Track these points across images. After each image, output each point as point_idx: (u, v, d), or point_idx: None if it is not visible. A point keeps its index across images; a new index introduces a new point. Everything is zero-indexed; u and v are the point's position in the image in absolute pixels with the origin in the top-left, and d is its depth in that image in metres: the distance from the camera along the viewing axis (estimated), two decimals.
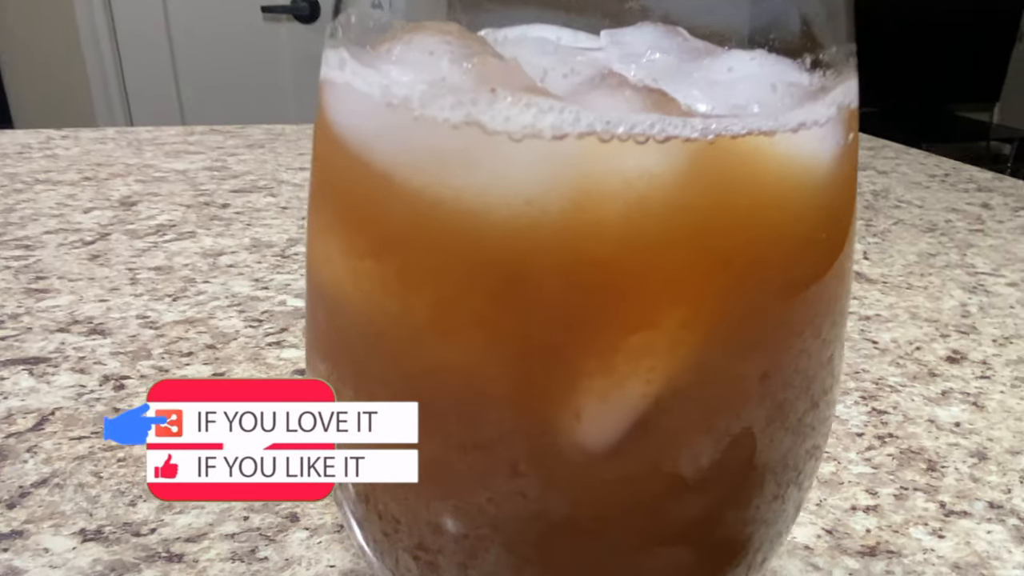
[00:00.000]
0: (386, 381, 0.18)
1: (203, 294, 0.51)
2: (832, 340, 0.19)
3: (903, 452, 0.35)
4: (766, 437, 0.18)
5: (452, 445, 0.18)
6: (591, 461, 0.17)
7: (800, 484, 0.21)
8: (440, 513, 0.19)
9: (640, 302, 0.15)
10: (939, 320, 0.50)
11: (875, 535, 0.30)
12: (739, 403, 0.17)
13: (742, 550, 0.20)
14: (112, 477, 0.32)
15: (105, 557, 0.28)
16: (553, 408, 0.16)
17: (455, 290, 0.16)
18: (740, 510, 0.19)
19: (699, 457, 0.17)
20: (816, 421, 0.20)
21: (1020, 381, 0.42)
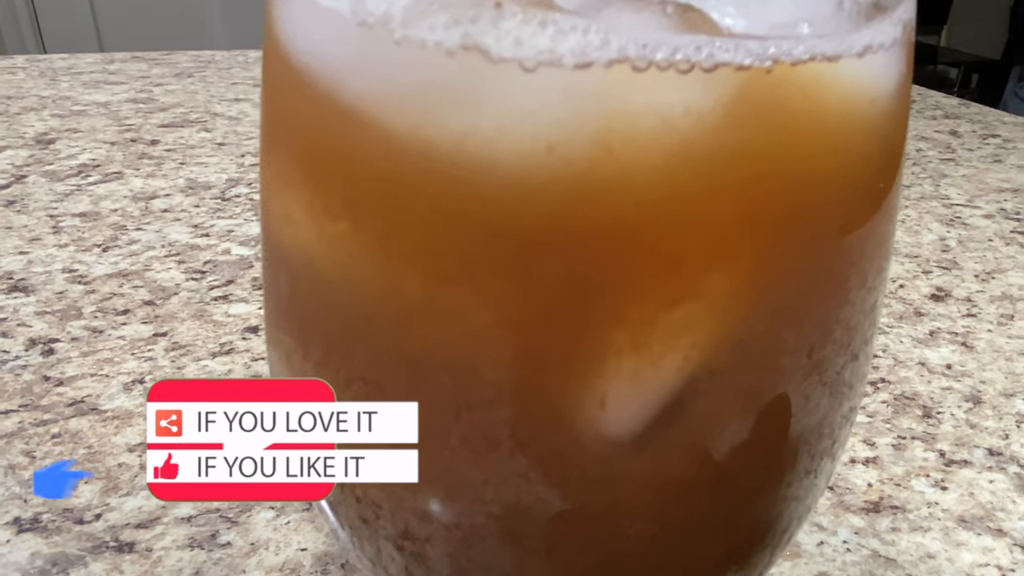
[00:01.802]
0: (368, 366, 0.16)
1: (136, 243, 0.47)
2: (877, 287, 0.18)
3: (897, 399, 0.35)
4: (803, 403, 0.17)
5: (444, 428, 0.16)
6: (613, 451, 0.15)
7: (834, 455, 0.19)
8: (428, 499, 0.17)
9: (684, 268, 0.13)
10: (920, 255, 0.49)
11: (877, 489, 0.29)
12: (782, 378, 0.15)
13: (768, 531, 0.19)
14: (47, 456, 0.29)
15: (45, 550, 0.25)
16: (574, 396, 0.14)
17: (455, 261, 0.14)
18: (772, 491, 0.18)
19: (731, 440, 0.16)
20: (855, 379, 0.18)
21: (1006, 319, 0.42)
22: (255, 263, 0.46)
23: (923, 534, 0.27)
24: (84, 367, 0.35)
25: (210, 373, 0.35)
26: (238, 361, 0.36)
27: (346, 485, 0.18)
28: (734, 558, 0.18)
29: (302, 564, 0.25)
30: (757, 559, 0.19)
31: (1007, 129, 0.76)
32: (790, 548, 0.26)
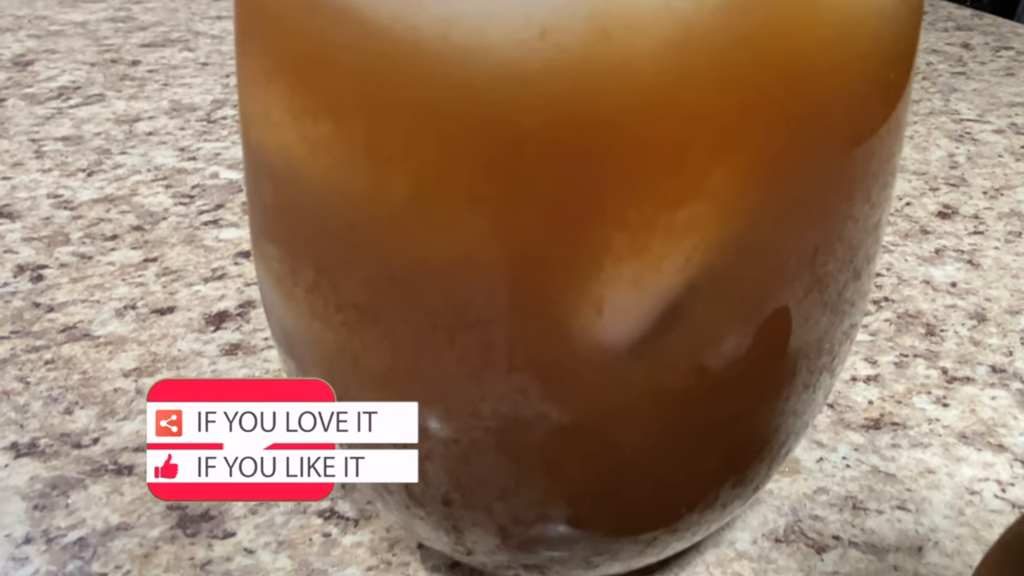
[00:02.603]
0: (355, 276, 0.16)
1: (122, 167, 0.47)
2: (882, 203, 0.17)
3: (900, 317, 0.35)
4: (803, 316, 0.17)
5: (440, 340, 0.16)
6: (610, 360, 0.15)
7: (833, 370, 0.19)
8: (426, 416, 0.17)
9: (686, 164, 0.13)
10: (928, 172, 0.49)
11: (878, 407, 0.29)
12: (783, 286, 0.15)
13: (768, 445, 0.19)
14: (41, 383, 0.30)
15: (44, 474, 0.25)
16: (569, 301, 0.14)
17: (443, 160, 0.13)
18: (770, 403, 0.18)
19: (731, 349, 0.16)
20: (856, 296, 0.18)
21: (1014, 236, 0.42)
22: (244, 186, 0.45)
23: (923, 450, 0.27)
24: (74, 293, 0.35)
25: (203, 298, 0.35)
26: (231, 286, 0.36)
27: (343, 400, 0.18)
28: (732, 471, 0.19)
29: None
30: (754, 472, 0.19)
31: (1021, 41, 0.75)
32: (789, 464, 0.26)
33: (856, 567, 0.23)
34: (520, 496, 0.18)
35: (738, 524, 0.24)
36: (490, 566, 0.21)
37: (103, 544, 0.23)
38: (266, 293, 0.19)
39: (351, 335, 0.16)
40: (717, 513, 0.20)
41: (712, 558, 0.23)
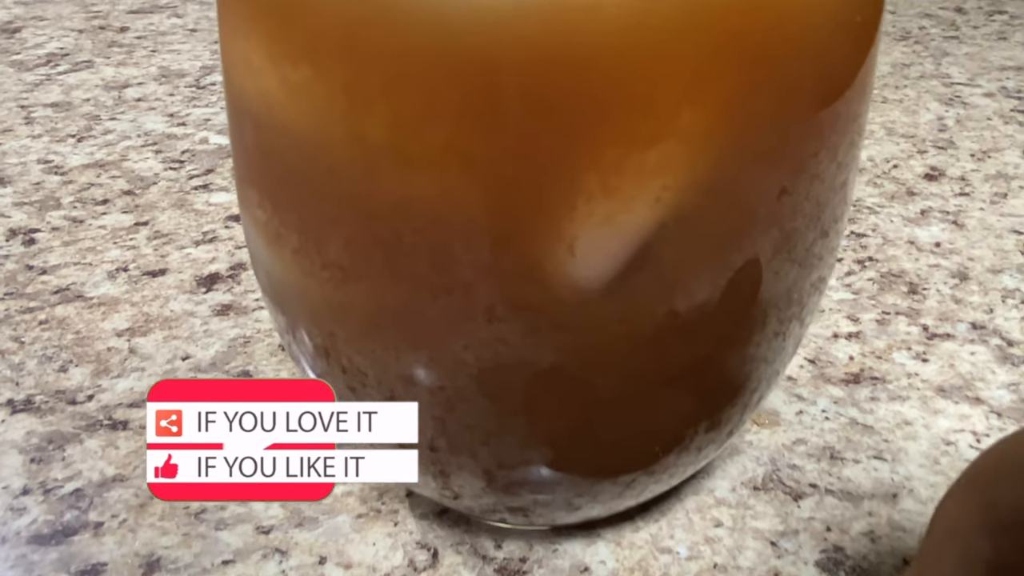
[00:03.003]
0: (337, 220, 0.16)
1: (111, 133, 0.47)
2: (849, 163, 0.18)
3: (884, 276, 0.35)
4: (772, 268, 0.17)
5: (423, 291, 0.16)
6: (584, 300, 0.16)
7: (803, 320, 0.20)
8: (412, 365, 0.18)
9: (657, 104, 0.13)
10: (916, 135, 0.49)
11: (858, 362, 0.30)
12: (751, 226, 0.16)
13: (740, 390, 0.20)
14: (35, 342, 0.30)
15: (40, 428, 0.26)
16: (543, 242, 0.15)
17: (421, 103, 0.14)
18: (740, 348, 0.19)
19: (702, 291, 0.16)
20: (824, 251, 0.19)
21: (999, 197, 0.42)
22: None
23: (901, 403, 0.28)
24: (67, 256, 0.35)
25: (194, 261, 0.35)
26: (221, 249, 0.36)
27: (332, 356, 0.19)
28: (705, 415, 0.19)
29: None
30: (728, 417, 0.20)
31: (1015, 5, 0.75)
32: (769, 417, 0.27)
33: (832, 513, 0.24)
34: (503, 440, 0.19)
35: (717, 473, 0.25)
36: (476, 510, 0.22)
37: (99, 495, 0.24)
38: (251, 240, 0.19)
39: (333, 279, 0.17)
40: (692, 456, 0.20)
41: (692, 504, 0.24)
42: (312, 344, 0.19)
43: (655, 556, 0.22)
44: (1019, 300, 0.34)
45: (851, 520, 0.23)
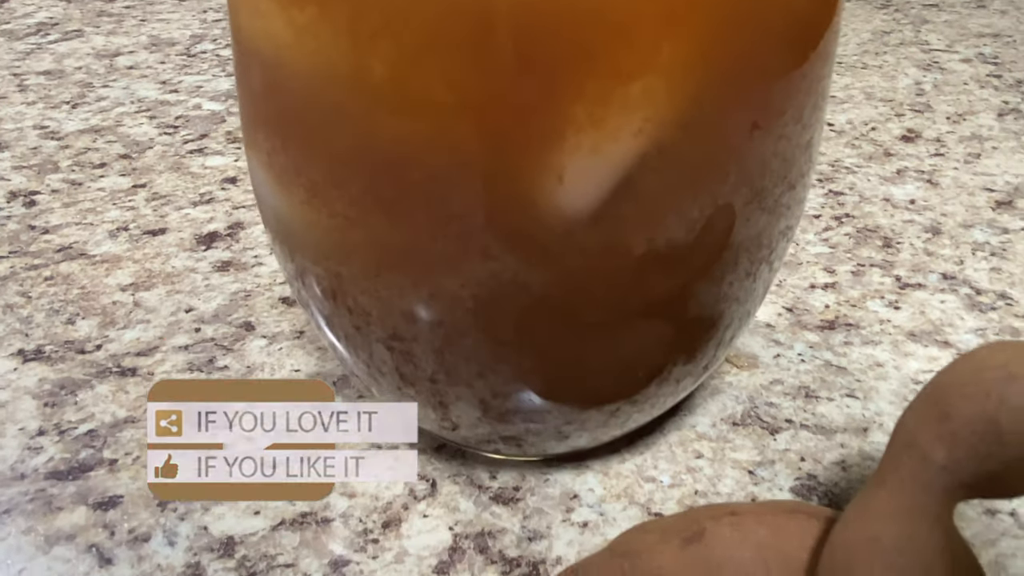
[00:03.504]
0: (342, 159, 0.17)
1: (105, 100, 0.48)
2: (812, 125, 0.19)
3: (859, 231, 0.37)
4: (744, 214, 0.19)
5: (422, 229, 0.17)
6: (571, 229, 0.17)
7: (771, 264, 0.21)
8: (413, 302, 0.19)
9: (638, 40, 0.14)
10: (894, 99, 0.51)
11: (833, 310, 0.32)
12: (726, 161, 0.17)
13: (713, 327, 0.21)
14: (42, 297, 0.31)
15: (52, 376, 0.27)
16: (534, 172, 0.16)
17: (418, 40, 0.15)
18: (714, 286, 0.20)
19: (679, 225, 0.18)
20: (792, 202, 0.20)
21: (973, 157, 0.44)
22: (227, 118, 0.47)
23: (874, 347, 0.30)
24: (67, 216, 0.36)
25: (192, 220, 0.36)
26: (219, 209, 0.37)
27: (338, 297, 0.20)
28: (683, 348, 0.21)
29: None
30: (703, 352, 0.22)
31: None
32: (748, 360, 0.29)
33: (806, 445, 0.25)
34: (497, 371, 0.20)
35: (699, 410, 0.26)
36: (473, 441, 0.23)
37: (112, 435, 0.25)
38: (259, 184, 0.20)
39: (338, 219, 0.18)
40: (671, 387, 0.22)
41: (675, 439, 0.25)
42: (320, 288, 0.21)
43: (640, 484, 0.24)
44: (988, 253, 0.35)
45: (824, 451, 0.25)
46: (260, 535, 0.22)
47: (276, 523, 0.22)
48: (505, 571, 0.21)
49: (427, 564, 0.21)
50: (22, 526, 0.22)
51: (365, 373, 0.22)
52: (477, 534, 0.22)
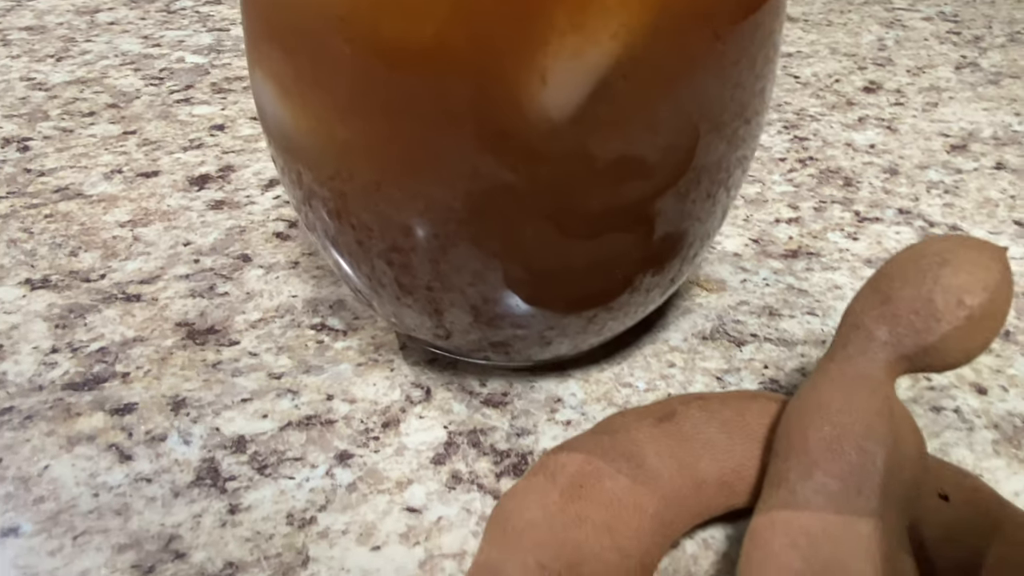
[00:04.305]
0: (343, 66, 0.19)
1: (89, 53, 0.49)
2: (765, 75, 0.22)
3: (822, 172, 0.39)
4: (704, 141, 0.21)
5: (418, 133, 0.19)
6: (553, 129, 0.19)
7: (728, 189, 0.24)
8: (410, 216, 0.21)
9: None
10: (857, 54, 0.53)
11: (796, 241, 0.34)
12: (691, 71, 0.19)
13: (679, 242, 0.23)
14: (44, 232, 0.33)
15: (59, 301, 0.29)
16: (520, 73, 0.18)
17: None
18: (679, 203, 0.22)
19: (649, 136, 0.20)
20: (747, 136, 0.23)
21: (931, 105, 0.46)
22: (211, 70, 0.48)
23: (833, 272, 0.32)
24: (62, 161, 0.38)
25: (184, 164, 0.38)
26: (209, 154, 0.39)
27: (342, 216, 0.22)
28: (651, 261, 0.23)
29: (295, 306, 0.29)
30: (670, 266, 0.24)
31: None
32: (717, 284, 0.31)
33: (769, 355, 0.28)
34: (487, 278, 0.22)
35: (671, 327, 0.29)
36: (465, 348, 0.25)
37: (123, 352, 0.27)
38: (262, 95, 0.22)
39: (338, 126, 0.20)
40: (642, 297, 0.24)
41: (649, 351, 0.28)
42: (326, 210, 0.22)
43: (618, 389, 0.26)
44: (942, 191, 0.38)
45: (786, 360, 0.27)
46: (269, 434, 0.24)
47: (283, 424, 0.24)
48: (496, 461, 0.23)
49: (425, 456, 0.23)
50: (44, 429, 0.24)
51: (367, 287, 0.24)
52: (470, 432, 0.24)
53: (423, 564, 0.20)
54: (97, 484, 0.22)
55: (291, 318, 0.28)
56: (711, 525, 0.21)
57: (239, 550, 0.21)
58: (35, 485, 0.22)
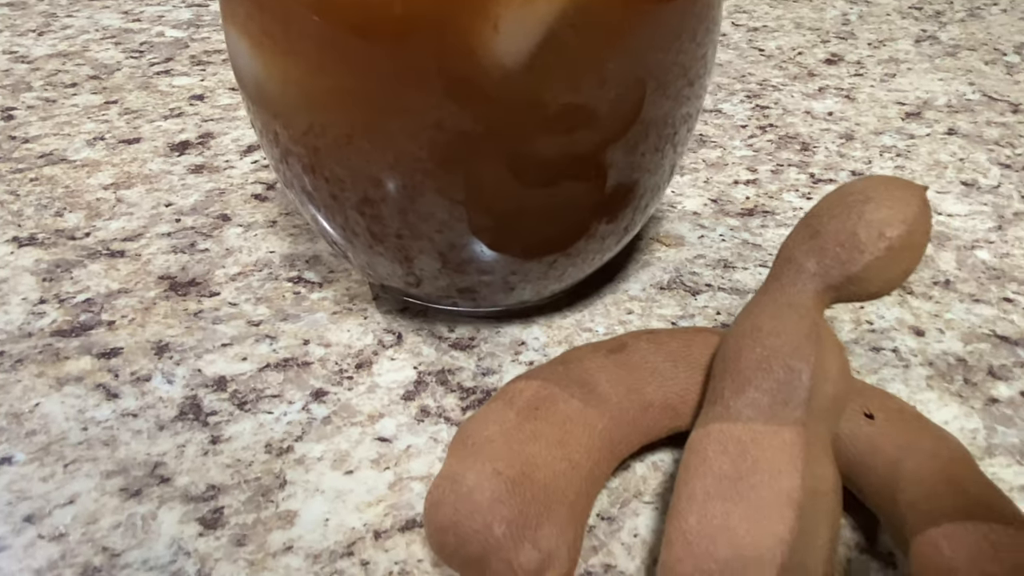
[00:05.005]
0: (310, 20, 0.20)
1: (70, 28, 0.50)
2: (704, 44, 0.23)
3: (781, 138, 0.41)
4: (651, 99, 0.22)
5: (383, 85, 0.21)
6: (506, 75, 0.20)
7: (676, 145, 0.25)
8: (380, 167, 0.23)
9: None
10: (821, 28, 0.55)
11: (753, 200, 0.36)
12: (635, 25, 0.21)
13: (630, 193, 0.25)
14: (30, 194, 0.34)
15: (46, 257, 0.30)
16: (474, 22, 0.19)
17: None
18: (628, 155, 0.24)
19: (597, 86, 0.21)
20: (691, 95, 0.24)
21: (889, 76, 0.48)
22: (190, 43, 0.49)
23: (786, 228, 0.34)
24: (45, 128, 0.39)
25: (165, 131, 0.39)
26: (189, 122, 0.40)
27: (316, 171, 0.24)
28: (605, 210, 0.25)
29: (272, 261, 0.31)
30: (623, 215, 0.25)
31: None
32: (675, 240, 0.33)
33: (722, 303, 0.29)
34: (452, 226, 0.24)
35: (631, 279, 0.30)
36: (434, 295, 0.27)
37: (108, 302, 0.28)
38: (237, 54, 0.23)
39: (310, 78, 0.21)
40: (598, 244, 0.26)
41: (609, 300, 0.29)
42: (301, 165, 0.24)
43: (578, 333, 0.28)
44: (895, 154, 0.40)
45: (737, 307, 0.29)
46: (248, 375, 0.25)
47: (262, 366, 0.26)
48: (463, 397, 0.25)
49: (396, 393, 0.25)
50: (34, 371, 0.25)
51: (342, 238, 0.26)
52: (438, 371, 0.26)
53: (392, 485, 0.22)
54: (86, 419, 0.24)
55: (269, 272, 0.30)
56: (659, 449, 0.23)
57: (221, 475, 0.22)
58: (27, 420, 0.24)
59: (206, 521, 0.21)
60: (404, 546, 0.20)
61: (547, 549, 0.18)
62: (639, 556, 0.20)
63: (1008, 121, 0.43)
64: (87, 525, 0.21)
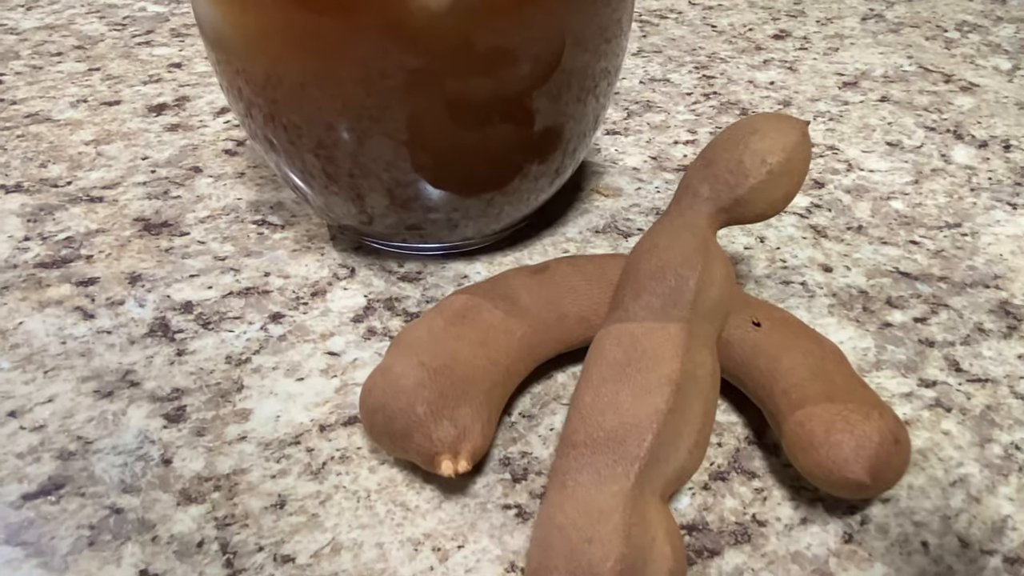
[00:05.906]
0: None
1: (57, 3, 0.52)
2: (621, 8, 0.26)
3: (723, 104, 0.44)
4: (571, 51, 0.25)
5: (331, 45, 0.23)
6: (433, 18, 0.22)
7: (597, 97, 0.28)
8: (331, 115, 0.25)
9: None
10: (773, 7, 0.58)
11: (691, 157, 0.38)
12: None
13: (558, 138, 0.28)
14: (16, 148, 0.36)
15: (31, 202, 0.33)
16: None
17: None
18: (553, 102, 0.26)
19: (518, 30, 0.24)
20: (608, 52, 0.27)
21: (831, 51, 0.51)
22: (171, 18, 0.51)
23: None
24: (32, 92, 0.41)
25: (144, 95, 0.42)
26: (166, 87, 0.43)
27: (276, 119, 0.26)
28: (535, 153, 0.27)
29: (239, 207, 0.33)
30: (553, 158, 0.28)
31: None
32: (614, 191, 0.35)
33: None
34: (397, 165, 0.26)
35: (569, 224, 0.33)
36: (385, 233, 0.29)
37: (87, 240, 0.31)
38: (211, 22, 0.26)
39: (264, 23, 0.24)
40: (531, 184, 0.28)
41: (548, 241, 0.32)
42: (263, 115, 0.26)
43: None
44: (828, 119, 0.42)
45: None
46: (213, 300, 0.28)
47: (225, 293, 0.28)
48: (407, 320, 0.27)
49: (346, 317, 0.28)
50: (18, 296, 0.28)
51: (301, 180, 0.28)
52: (387, 299, 0.28)
53: (339, 390, 0.25)
54: (64, 335, 0.26)
55: (235, 215, 0.32)
56: (579, 362, 0.26)
57: (184, 380, 0.25)
58: (11, 336, 0.26)
59: (170, 416, 0.23)
60: (346, 437, 0.23)
61: (462, 426, 0.21)
62: (552, 445, 0.23)
63: (939, 90, 0.46)
64: (63, 419, 0.23)
